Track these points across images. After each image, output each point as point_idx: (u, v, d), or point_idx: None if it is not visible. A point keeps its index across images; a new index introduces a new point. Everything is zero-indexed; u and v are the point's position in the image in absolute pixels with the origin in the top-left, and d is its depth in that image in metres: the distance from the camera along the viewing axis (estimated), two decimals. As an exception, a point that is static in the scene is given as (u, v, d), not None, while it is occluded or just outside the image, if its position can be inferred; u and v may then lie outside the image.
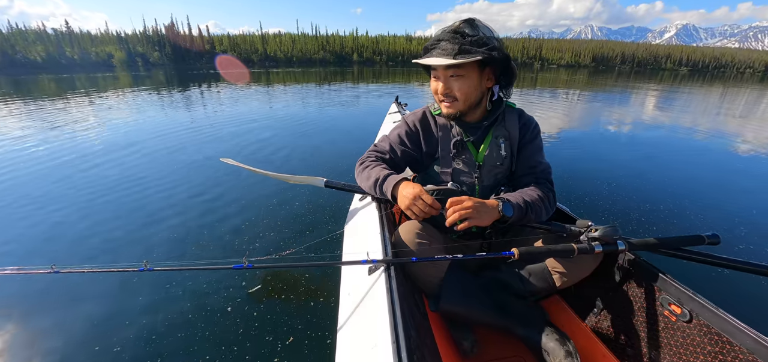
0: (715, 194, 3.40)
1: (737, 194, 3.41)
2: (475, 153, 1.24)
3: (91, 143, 5.09)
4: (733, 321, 0.88)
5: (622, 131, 6.50)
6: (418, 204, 1.06)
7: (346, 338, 0.91)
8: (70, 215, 2.86)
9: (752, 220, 2.83)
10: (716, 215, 2.92)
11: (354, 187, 1.49)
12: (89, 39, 52.24)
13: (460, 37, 1.06)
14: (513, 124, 1.25)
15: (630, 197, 3.23)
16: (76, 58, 45.77)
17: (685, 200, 3.19)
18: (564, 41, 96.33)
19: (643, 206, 3.05)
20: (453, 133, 1.24)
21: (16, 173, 3.86)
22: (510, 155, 1.25)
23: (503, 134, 1.24)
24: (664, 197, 3.25)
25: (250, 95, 12.01)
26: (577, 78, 26.45)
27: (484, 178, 1.23)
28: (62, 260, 2.24)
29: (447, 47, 1.07)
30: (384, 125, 3.36)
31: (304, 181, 1.59)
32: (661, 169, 4.16)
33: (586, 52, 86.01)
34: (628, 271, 1.17)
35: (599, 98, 12.56)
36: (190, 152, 4.71)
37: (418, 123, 1.29)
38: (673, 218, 2.85)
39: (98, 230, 2.62)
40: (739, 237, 2.55)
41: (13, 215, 2.85)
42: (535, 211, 1.13)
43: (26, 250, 2.38)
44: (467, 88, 1.13)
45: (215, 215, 2.83)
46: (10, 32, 47.04)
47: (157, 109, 8.66)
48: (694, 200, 3.20)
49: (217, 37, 62.40)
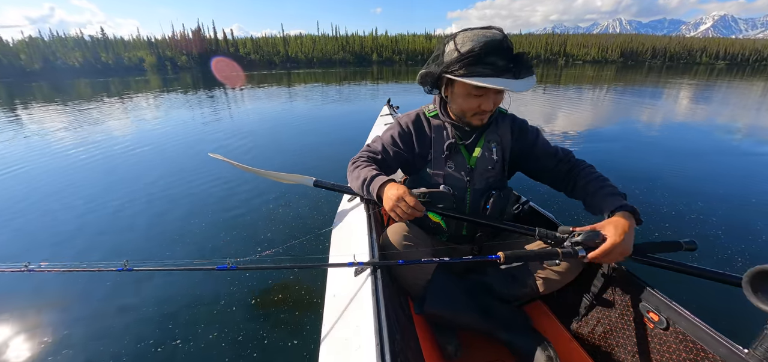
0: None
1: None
2: (468, 156, 1.24)
3: (95, 142, 5.35)
4: (708, 330, 0.90)
5: (644, 129, 6.25)
6: (401, 205, 1.04)
7: (330, 340, 0.92)
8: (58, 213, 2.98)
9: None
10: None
11: (343, 187, 1.50)
12: (122, 45, 54.87)
13: (509, 52, 1.01)
14: (505, 129, 1.27)
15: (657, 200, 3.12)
16: (111, 62, 48.14)
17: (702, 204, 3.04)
18: (590, 36, 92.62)
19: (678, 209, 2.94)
20: (446, 135, 1.24)
21: (33, 169, 4.12)
22: (501, 160, 1.26)
23: (495, 139, 1.25)
24: (678, 200, 3.12)
25: (270, 95, 12.28)
26: (604, 74, 25.45)
27: (475, 181, 1.24)
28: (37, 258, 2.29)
29: (502, 66, 1.00)
30: (375, 127, 3.33)
31: (293, 180, 1.58)
32: (684, 169, 4.00)
33: (613, 47, 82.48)
34: (610, 278, 1.19)
35: (627, 94, 12.06)
36: (181, 148, 4.84)
37: (412, 125, 1.29)
38: (697, 227, 2.72)
39: (73, 228, 2.66)
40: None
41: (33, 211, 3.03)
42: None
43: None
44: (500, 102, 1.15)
45: (200, 213, 2.82)
46: (51, 39, 50.04)
47: (166, 109, 9.01)
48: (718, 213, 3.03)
49: (241, 39, 64.05)
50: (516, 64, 1.00)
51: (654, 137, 5.58)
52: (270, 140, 5.49)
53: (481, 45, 1.00)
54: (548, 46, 79.32)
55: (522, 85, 1.01)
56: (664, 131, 6.04)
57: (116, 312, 1.79)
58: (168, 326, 1.69)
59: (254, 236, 2.47)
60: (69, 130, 6.61)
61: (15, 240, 2.59)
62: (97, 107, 10.02)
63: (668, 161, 4.28)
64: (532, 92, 12.48)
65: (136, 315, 1.77)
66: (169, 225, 2.64)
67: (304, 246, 2.30)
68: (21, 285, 2.01)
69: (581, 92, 12.56)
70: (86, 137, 5.87)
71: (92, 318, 1.78)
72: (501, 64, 0.99)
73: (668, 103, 9.94)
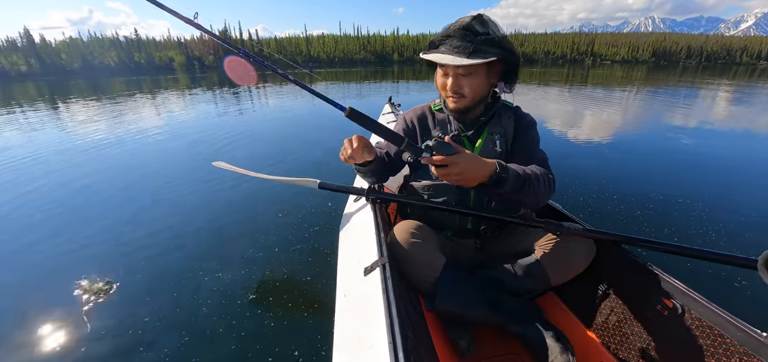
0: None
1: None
2: (471, 149, 1.24)
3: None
4: (724, 314, 0.89)
5: (674, 132, 5.98)
6: (344, 144, 1.11)
7: (343, 339, 0.92)
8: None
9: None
10: None
11: (348, 188, 1.50)
12: (154, 45, 57.27)
13: (471, 34, 1.06)
14: (508, 121, 1.26)
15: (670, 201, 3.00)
16: (143, 62, 50.32)
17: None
18: (620, 35, 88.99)
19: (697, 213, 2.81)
20: (450, 128, 1.26)
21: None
22: (505, 152, 1.25)
23: (499, 131, 1.24)
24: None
25: (291, 93, 12.50)
26: (633, 74, 24.35)
27: None
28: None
29: (459, 45, 1.06)
30: None
31: (297, 183, 1.59)
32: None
33: (645, 46, 78.85)
34: (621, 267, 1.18)
35: (660, 95, 11.55)
36: (186, 154, 4.75)
37: (416, 120, 1.32)
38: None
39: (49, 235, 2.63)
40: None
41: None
42: (532, 185, 1.08)
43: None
44: (476, 86, 1.14)
45: (206, 220, 2.79)
46: (89, 40, 52.90)
47: (188, 105, 9.27)
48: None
49: (265, 40, 65.63)
50: (474, 45, 1.04)
51: (686, 143, 5.34)
52: (276, 141, 5.48)
53: (450, 26, 1.10)
54: (575, 45, 76.90)
55: (465, 61, 1.04)
56: (698, 136, 5.78)
57: (129, 313, 1.79)
58: (179, 326, 1.71)
59: (260, 240, 2.45)
60: (106, 122, 6.97)
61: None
62: (130, 103, 10.52)
63: (701, 171, 4.04)
64: (558, 91, 12.17)
65: (151, 314, 1.78)
66: (173, 233, 2.59)
67: (312, 247, 2.31)
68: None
69: (609, 93, 12.12)
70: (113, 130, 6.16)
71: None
72: (457, 44, 1.06)
73: (703, 104, 9.46)
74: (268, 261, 2.20)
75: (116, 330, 1.70)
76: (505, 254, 1.31)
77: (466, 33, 1.06)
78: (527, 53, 67.56)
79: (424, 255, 1.16)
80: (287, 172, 3.89)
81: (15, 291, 2.02)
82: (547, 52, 69.96)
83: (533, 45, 72.07)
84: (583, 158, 4.35)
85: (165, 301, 1.88)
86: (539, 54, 69.47)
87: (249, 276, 2.06)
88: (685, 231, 2.53)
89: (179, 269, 2.15)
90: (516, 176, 1.04)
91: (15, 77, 37.11)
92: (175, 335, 1.66)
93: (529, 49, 70.19)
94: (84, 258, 2.29)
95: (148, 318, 1.76)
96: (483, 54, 1.04)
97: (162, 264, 2.20)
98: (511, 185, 1.03)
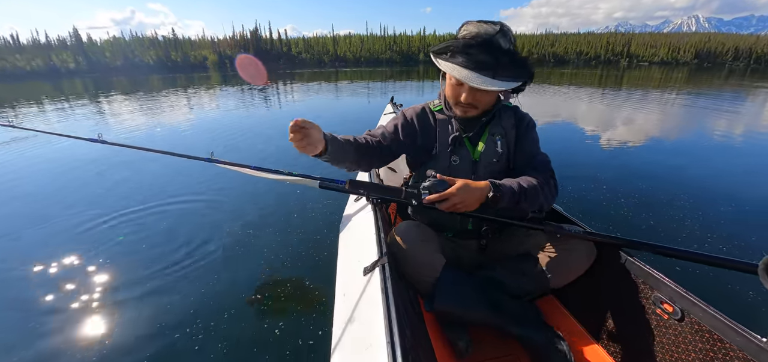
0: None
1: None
2: (472, 150, 1.25)
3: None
4: (724, 319, 0.89)
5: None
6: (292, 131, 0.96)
7: (341, 339, 0.92)
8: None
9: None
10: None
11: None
12: (189, 44, 59.84)
13: (495, 51, 1.02)
14: (509, 121, 1.26)
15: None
16: (179, 60, 52.64)
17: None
18: (659, 35, 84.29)
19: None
20: (451, 129, 1.25)
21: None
22: (506, 153, 1.25)
23: (500, 132, 1.25)
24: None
25: (320, 90, 12.71)
26: (673, 76, 22.98)
27: (480, 174, 1.24)
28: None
29: (482, 61, 1.01)
30: (378, 126, 3.21)
31: (298, 181, 1.58)
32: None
33: (687, 47, 74.14)
34: (621, 270, 1.16)
35: (701, 99, 10.85)
36: (187, 149, 4.60)
37: (416, 117, 1.32)
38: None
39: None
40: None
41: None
42: (530, 196, 1.10)
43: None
44: (491, 100, 1.16)
45: (205, 217, 2.76)
46: (131, 39, 55.96)
47: (188, 107, 9.56)
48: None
49: (294, 39, 66.97)
50: (498, 64, 1.01)
51: (690, 146, 5.12)
52: (279, 135, 5.44)
53: (471, 36, 1.04)
54: (610, 46, 73.53)
55: (490, 83, 1.02)
56: (701, 138, 5.57)
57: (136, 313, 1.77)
58: (181, 326, 1.69)
59: (260, 239, 2.43)
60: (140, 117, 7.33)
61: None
62: (168, 98, 11.04)
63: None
64: (591, 92, 11.71)
65: (152, 318, 1.76)
66: (170, 234, 2.55)
67: (312, 247, 2.30)
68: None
69: (646, 94, 11.55)
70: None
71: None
72: (480, 59, 1.02)
73: (717, 108, 8.83)
74: (267, 260, 2.19)
75: (114, 330, 1.68)
76: (505, 256, 1.31)
77: (490, 48, 1.02)
78: (558, 54, 65.22)
79: (424, 256, 1.17)
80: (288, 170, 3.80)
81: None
82: (580, 53, 67.20)
83: (565, 45, 69.53)
84: (585, 160, 4.27)
85: (161, 300, 1.87)
86: (571, 54, 66.88)
87: (248, 274, 2.06)
88: (686, 235, 2.50)
89: (177, 267, 2.14)
90: (511, 193, 1.07)
91: (64, 73, 39.85)
92: (172, 334, 1.64)
93: (560, 50, 67.74)
94: (78, 246, 2.37)
95: (144, 317, 1.75)
96: (507, 75, 1.03)
97: (159, 262, 2.19)
98: (507, 200, 1.06)
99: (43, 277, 2.09)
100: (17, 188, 3.63)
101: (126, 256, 2.30)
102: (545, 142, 1.27)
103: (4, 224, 2.80)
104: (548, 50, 64.97)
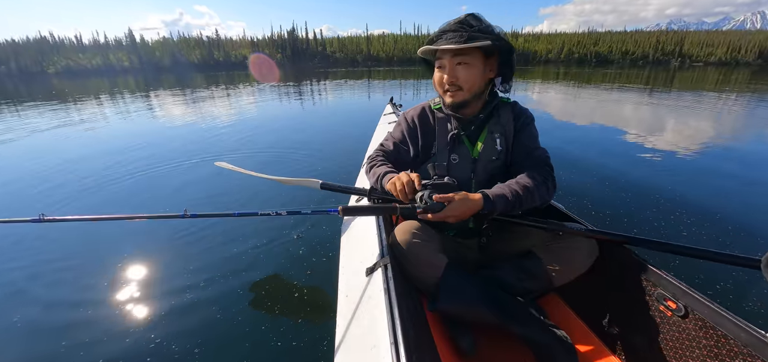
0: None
1: None
2: (471, 148, 1.26)
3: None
4: (728, 315, 0.88)
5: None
6: (396, 184, 1.11)
7: (345, 340, 0.93)
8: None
9: None
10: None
11: (350, 189, 1.49)
12: (231, 44, 62.75)
13: (466, 27, 1.11)
14: (507, 118, 1.27)
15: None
16: (221, 59, 55.32)
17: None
18: (717, 33, 77.23)
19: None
20: (450, 127, 1.27)
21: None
22: (505, 150, 1.26)
23: (499, 129, 1.25)
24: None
25: (351, 88, 12.88)
26: (732, 78, 20.89)
27: (479, 172, 1.25)
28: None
29: (454, 36, 1.10)
30: (379, 126, 3.23)
31: (299, 183, 1.58)
32: None
33: (750, 46, 67.12)
34: (624, 267, 1.15)
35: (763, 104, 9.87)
36: (190, 152, 4.66)
37: (417, 118, 1.34)
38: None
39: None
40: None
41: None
42: (525, 201, 1.11)
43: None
44: (472, 77, 1.16)
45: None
46: (179, 40, 59.54)
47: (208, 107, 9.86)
48: None
49: (329, 39, 68.30)
50: (469, 33, 1.09)
51: (693, 145, 4.82)
52: (279, 141, 5.33)
53: (443, 24, 1.16)
54: (660, 45, 68.27)
55: (458, 46, 1.08)
56: (704, 139, 5.14)
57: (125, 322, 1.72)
58: (185, 326, 1.69)
59: (260, 238, 2.42)
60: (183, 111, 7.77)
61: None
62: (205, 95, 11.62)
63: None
64: (637, 96, 11.02)
65: (151, 319, 1.75)
66: (169, 236, 2.51)
67: (314, 248, 2.29)
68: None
69: (700, 97, 10.68)
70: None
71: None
72: (451, 36, 1.11)
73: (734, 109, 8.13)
74: (269, 261, 2.18)
75: (113, 330, 1.68)
76: (507, 255, 1.32)
77: (460, 26, 1.12)
78: (601, 53, 61.54)
79: (426, 256, 1.17)
80: (289, 172, 3.84)
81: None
82: (625, 52, 63.02)
83: (609, 44, 65.52)
84: (586, 158, 4.11)
85: (164, 302, 1.85)
86: (615, 54, 62.87)
87: (250, 275, 2.06)
88: (688, 231, 2.47)
89: (178, 269, 2.13)
90: (505, 202, 1.08)
91: (119, 71, 43.19)
92: (173, 336, 1.63)
93: (604, 49, 63.88)
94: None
95: (146, 318, 1.75)
96: (477, 41, 1.08)
97: (161, 264, 2.19)
98: (501, 209, 1.08)
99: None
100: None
101: (126, 256, 2.29)
102: (552, 139, 1.24)
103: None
104: (591, 49, 61.55)
